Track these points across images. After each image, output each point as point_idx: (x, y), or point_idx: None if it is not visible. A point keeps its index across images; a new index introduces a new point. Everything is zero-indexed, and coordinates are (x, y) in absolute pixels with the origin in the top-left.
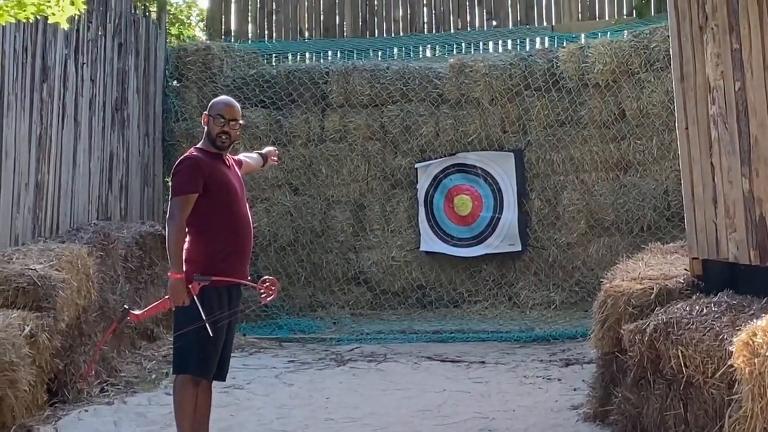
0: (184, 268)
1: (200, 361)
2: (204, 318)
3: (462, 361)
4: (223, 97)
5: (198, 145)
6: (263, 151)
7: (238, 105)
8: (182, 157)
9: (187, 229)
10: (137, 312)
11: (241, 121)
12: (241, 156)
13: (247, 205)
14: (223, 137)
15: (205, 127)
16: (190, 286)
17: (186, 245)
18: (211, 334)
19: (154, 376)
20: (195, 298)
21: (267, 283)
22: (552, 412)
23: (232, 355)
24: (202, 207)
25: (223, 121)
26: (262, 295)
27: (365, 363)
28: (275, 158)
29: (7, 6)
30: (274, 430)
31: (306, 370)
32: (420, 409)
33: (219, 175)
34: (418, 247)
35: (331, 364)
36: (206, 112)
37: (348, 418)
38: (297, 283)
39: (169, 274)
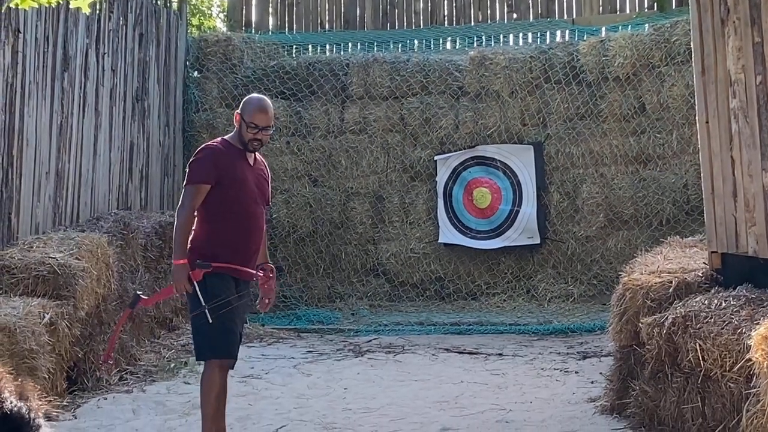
0: (184, 253)
1: (214, 344)
2: (203, 304)
3: (479, 353)
4: (255, 101)
5: (226, 137)
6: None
7: (271, 108)
8: (202, 146)
9: (195, 217)
10: (146, 297)
11: (273, 125)
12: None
13: (262, 205)
14: (255, 143)
15: (236, 126)
16: (191, 273)
17: (192, 233)
18: (210, 321)
19: (173, 365)
20: (196, 284)
21: (266, 270)
22: (569, 404)
23: (251, 345)
24: (212, 198)
25: (256, 130)
26: (261, 279)
27: (383, 354)
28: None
29: None
30: (292, 419)
31: (324, 361)
32: (437, 400)
33: (235, 169)
34: (437, 240)
35: (349, 355)
36: (238, 112)
37: (365, 409)
38: (316, 274)
39: (172, 260)
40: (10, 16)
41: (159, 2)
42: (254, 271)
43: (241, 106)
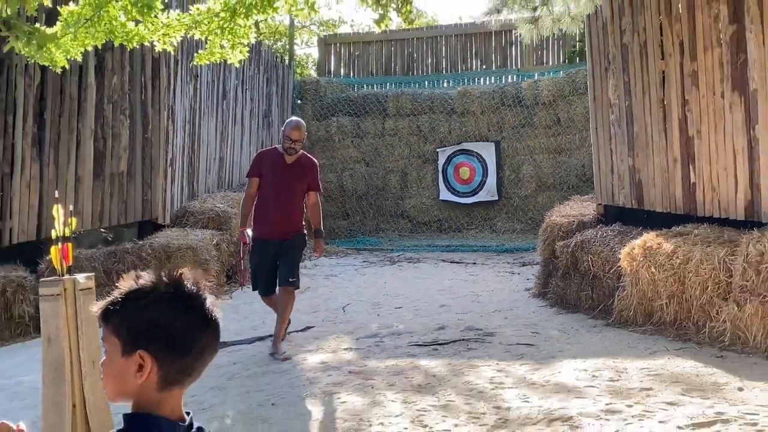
0: (245, 223)
1: (253, 281)
2: (241, 259)
3: (462, 262)
4: (293, 122)
5: (276, 144)
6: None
7: (303, 127)
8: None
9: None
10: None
11: (303, 139)
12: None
13: (292, 192)
14: (289, 150)
15: (281, 137)
16: (242, 237)
17: (247, 209)
18: (247, 270)
19: None
20: (242, 245)
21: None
22: (514, 292)
23: (332, 258)
24: (260, 186)
25: (290, 142)
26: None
27: (407, 263)
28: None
29: (203, 54)
30: (353, 299)
31: (372, 266)
32: (438, 289)
33: (273, 168)
34: (438, 197)
35: (387, 263)
36: (282, 129)
37: (396, 294)
38: (368, 217)
39: (240, 226)
40: (192, 67)
41: (278, 59)
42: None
43: (284, 124)
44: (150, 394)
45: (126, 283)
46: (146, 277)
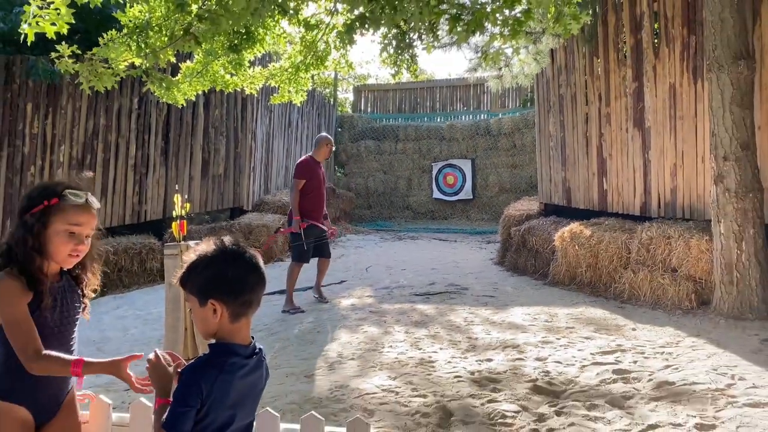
0: (299, 213)
1: (300, 255)
2: (304, 239)
3: (447, 240)
4: (325, 138)
5: (311, 154)
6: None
7: (332, 140)
8: (300, 159)
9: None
10: (282, 229)
11: (333, 149)
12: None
13: (325, 187)
14: (325, 158)
15: (315, 147)
16: (300, 224)
17: (300, 204)
18: (305, 247)
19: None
20: (301, 230)
21: (332, 230)
22: (482, 261)
23: (360, 235)
24: (306, 186)
25: (327, 150)
26: (329, 234)
27: (410, 240)
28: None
29: (276, 96)
30: (373, 263)
31: (386, 242)
32: (429, 258)
33: (315, 171)
34: (432, 196)
35: (396, 240)
36: (321, 141)
37: (402, 261)
38: (383, 208)
39: (292, 215)
40: (269, 105)
41: (325, 100)
42: (323, 225)
43: (320, 140)
44: (225, 328)
45: (188, 256)
46: (200, 248)
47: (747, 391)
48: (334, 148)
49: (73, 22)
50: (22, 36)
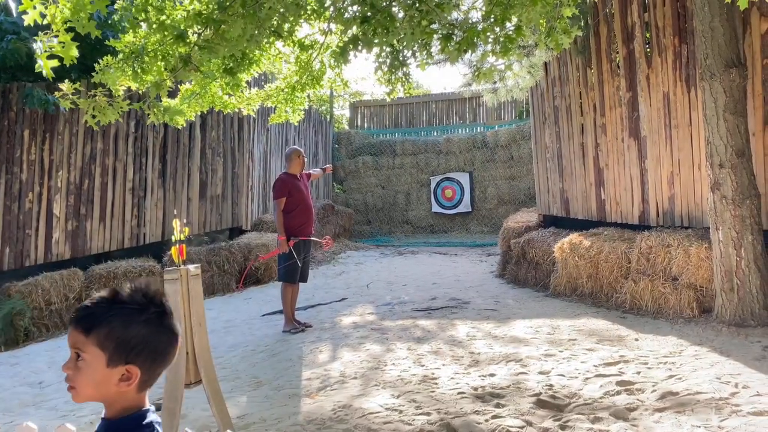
0: (284, 233)
1: (290, 276)
2: (295, 257)
3: (447, 254)
4: (292, 149)
5: (286, 170)
6: (323, 167)
7: (302, 151)
8: (277, 177)
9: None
10: (263, 256)
11: (305, 159)
12: (311, 171)
13: (311, 198)
14: (300, 170)
15: (287, 162)
16: (288, 242)
17: (284, 221)
18: (299, 264)
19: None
20: (291, 248)
21: (326, 239)
22: (483, 273)
23: (360, 251)
24: (289, 202)
25: (299, 161)
26: (323, 244)
27: (410, 255)
28: (329, 169)
29: (274, 116)
30: (374, 279)
31: (386, 257)
32: (430, 272)
33: (294, 185)
34: (431, 210)
35: (396, 255)
36: (292, 155)
37: (403, 276)
38: (383, 223)
39: (277, 236)
40: (265, 129)
41: (322, 117)
42: (320, 240)
43: (290, 153)
44: (131, 396)
45: (107, 297)
46: (129, 294)
47: (751, 399)
48: (306, 159)
49: (77, 55)
50: (42, 70)
